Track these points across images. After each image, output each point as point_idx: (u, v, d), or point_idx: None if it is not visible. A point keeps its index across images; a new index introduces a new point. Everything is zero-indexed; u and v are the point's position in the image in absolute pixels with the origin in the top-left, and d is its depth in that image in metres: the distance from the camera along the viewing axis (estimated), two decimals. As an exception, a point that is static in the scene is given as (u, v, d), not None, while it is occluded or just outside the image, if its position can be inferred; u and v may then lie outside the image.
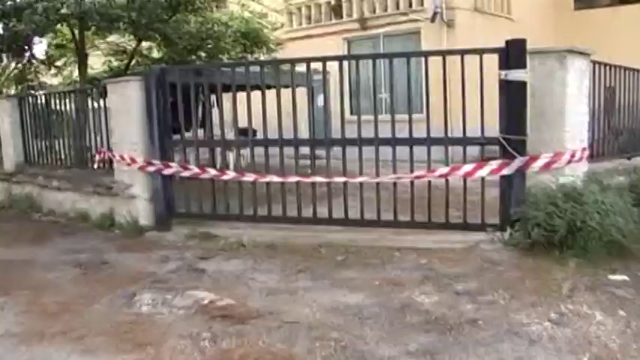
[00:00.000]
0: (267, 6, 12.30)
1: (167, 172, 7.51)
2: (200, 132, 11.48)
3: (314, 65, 7.17)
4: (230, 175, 7.21)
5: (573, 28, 19.49)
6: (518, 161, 5.98)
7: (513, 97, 5.97)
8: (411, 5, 18.01)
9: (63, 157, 9.81)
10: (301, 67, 7.19)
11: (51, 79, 14.92)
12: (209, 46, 10.55)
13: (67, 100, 9.58)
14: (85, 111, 9.13)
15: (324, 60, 7.02)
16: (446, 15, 16.94)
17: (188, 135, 7.85)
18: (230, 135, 7.97)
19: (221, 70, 7.94)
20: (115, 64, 12.93)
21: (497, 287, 4.93)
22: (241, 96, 7.28)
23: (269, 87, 7.27)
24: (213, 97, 14.93)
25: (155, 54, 13.15)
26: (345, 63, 7.17)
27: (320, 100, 18.96)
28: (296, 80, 7.03)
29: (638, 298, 4.68)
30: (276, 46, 12.77)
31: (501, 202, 6.24)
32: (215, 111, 15.11)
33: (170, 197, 7.70)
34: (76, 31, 11.10)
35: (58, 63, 13.64)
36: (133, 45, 12.50)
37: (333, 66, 6.95)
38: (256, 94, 7.13)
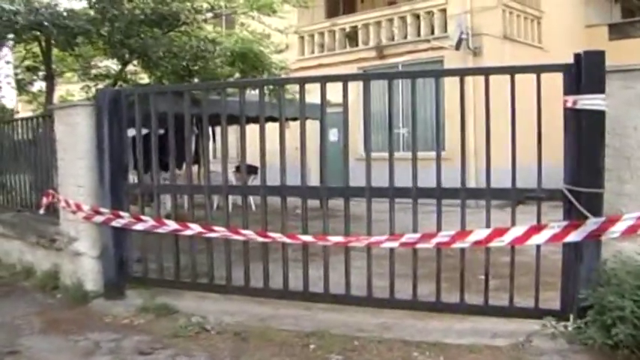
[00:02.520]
0: (268, 25, 10.64)
1: (118, 223, 5.78)
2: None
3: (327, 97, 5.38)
4: (193, 229, 5.43)
5: (608, 59, 17.94)
6: (592, 223, 4.19)
7: (585, 133, 4.21)
8: (433, 32, 16.43)
9: (11, 197, 8.15)
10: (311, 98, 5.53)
11: (25, 106, 13.32)
12: (195, 67, 8.91)
13: (21, 131, 7.94)
14: (37, 143, 7.46)
15: (323, 81, 5.27)
16: (472, 42, 15.31)
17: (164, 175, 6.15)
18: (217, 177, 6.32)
19: (210, 97, 6.11)
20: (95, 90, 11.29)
21: None
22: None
23: (272, 119, 5.62)
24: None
25: (146, 79, 11.52)
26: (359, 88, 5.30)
27: (333, 135, 17.62)
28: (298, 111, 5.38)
29: None
30: (281, 71, 11.02)
31: (564, 279, 4.44)
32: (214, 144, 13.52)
33: (124, 256, 5.96)
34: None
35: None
36: (118, 68, 10.91)
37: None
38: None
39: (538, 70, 4.42)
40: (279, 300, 5.33)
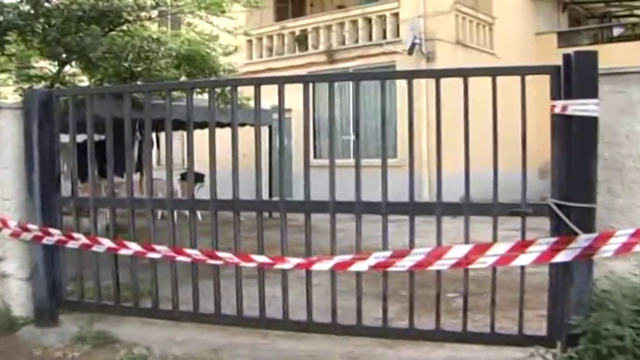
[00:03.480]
0: (216, 26, 10.01)
1: (49, 241, 5.12)
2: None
3: (275, 102, 4.84)
4: (131, 249, 4.80)
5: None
6: (583, 241, 3.77)
7: (576, 141, 3.80)
8: (385, 36, 16.14)
9: None
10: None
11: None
12: (138, 69, 8.23)
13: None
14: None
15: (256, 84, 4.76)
16: (425, 47, 15.06)
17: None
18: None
19: (154, 101, 5.46)
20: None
21: None
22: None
23: (219, 125, 5.08)
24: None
25: (86, 81, 10.73)
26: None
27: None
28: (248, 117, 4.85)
29: None
30: (229, 74, 10.41)
31: (552, 302, 4.02)
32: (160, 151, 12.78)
33: (56, 278, 5.29)
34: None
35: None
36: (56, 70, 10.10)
37: (295, 101, 4.68)
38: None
39: (522, 71, 4.00)
40: (233, 326, 4.76)
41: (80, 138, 5.37)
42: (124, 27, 8.66)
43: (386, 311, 4.31)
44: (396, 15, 16.00)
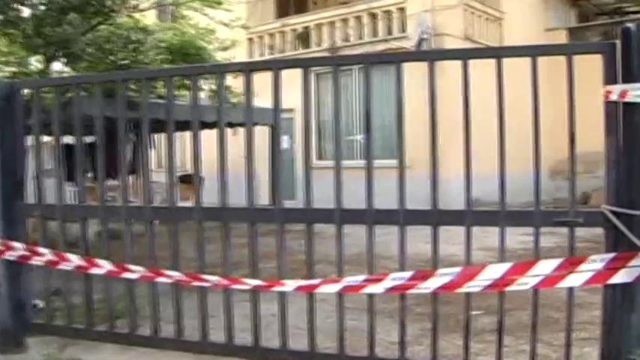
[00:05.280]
0: (212, 18, 9.33)
1: (10, 256, 4.42)
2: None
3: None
4: (103, 268, 4.07)
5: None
6: (647, 258, 3.07)
7: (639, 135, 3.10)
8: (390, 32, 15.41)
9: None
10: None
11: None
12: (125, 61, 7.54)
13: None
14: None
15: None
16: (433, 43, 14.34)
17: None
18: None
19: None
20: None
21: None
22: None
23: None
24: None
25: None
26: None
27: (284, 142, 16.38)
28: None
29: None
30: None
31: (606, 332, 3.30)
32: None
33: (22, 297, 4.60)
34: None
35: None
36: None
37: (298, 100, 3.97)
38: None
39: (570, 50, 3.29)
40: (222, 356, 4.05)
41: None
42: (110, 21, 7.96)
43: (404, 341, 3.59)
44: (403, 10, 15.28)
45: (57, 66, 9.30)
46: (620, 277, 3.12)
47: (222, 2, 9.31)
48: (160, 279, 3.87)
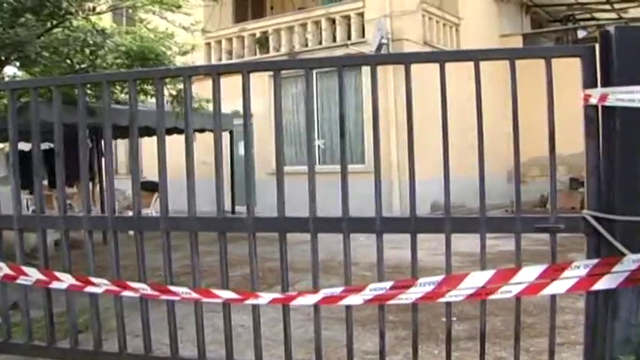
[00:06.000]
0: (172, 21, 9.09)
1: (-37, 271, 4.15)
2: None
3: (236, 107, 4.00)
4: (64, 282, 3.82)
5: (521, 70, 17.61)
6: (630, 262, 3.02)
7: (619, 140, 3.05)
8: (349, 37, 15.39)
9: None
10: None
11: None
12: (83, 66, 7.27)
13: None
14: None
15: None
16: (392, 47, 14.36)
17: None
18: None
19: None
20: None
21: None
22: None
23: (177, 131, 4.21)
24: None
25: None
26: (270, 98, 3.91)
27: (243, 148, 16.15)
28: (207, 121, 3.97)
29: None
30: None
31: (590, 338, 3.25)
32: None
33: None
34: None
35: None
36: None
37: (257, 106, 3.82)
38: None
39: (547, 53, 3.22)
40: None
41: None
42: (66, 21, 7.67)
43: (383, 352, 3.48)
44: (361, 15, 15.27)
45: (9, 70, 8.98)
46: (603, 284, 3.07)
47: (181, 6, 9.08)
48: (126, 293, 3.67)
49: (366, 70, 14.00)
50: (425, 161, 3.63)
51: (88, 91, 5.34)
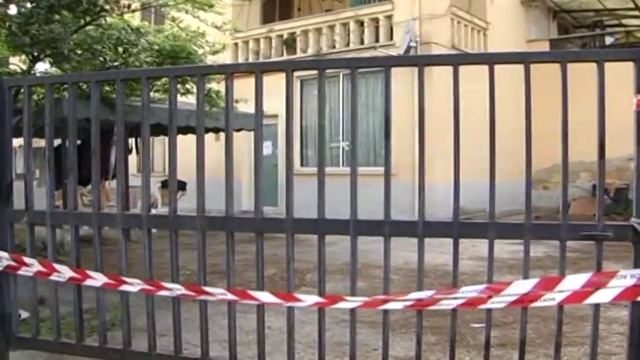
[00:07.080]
0: (203, 21, 9.11)
1: (-3, 266, 4.16)
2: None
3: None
4: (97, 280, 3.80)
5: (551, 74, 17.37)
6: (681, 274, 2.94)
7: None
8: (378, 39, 15.34)
9: None
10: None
11: None
12: (115, 64, 7.31)
13: None
14: None
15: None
16: (420, 51, 14.28)
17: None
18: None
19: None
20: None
21: None
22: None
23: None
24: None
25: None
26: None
27: (266, 148, 16.15)
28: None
29: None
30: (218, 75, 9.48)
31: (634, 352, 3.17)
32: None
33: (6, 309, 4.32)
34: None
35: None
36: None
37: (282, 106, 3.75)
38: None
39: (600, 56, 3.14)
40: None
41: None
42: (101, 18, 7.71)
43: (420, 358, 3.41)
44: (390, 18, 15.23)
45: (41, 66, 9.04)
46: (652, 294, 2.99)
47: (213, 5, 9.09)
48: (161, 292, 3.64)
49: (394, 73, 14.02)
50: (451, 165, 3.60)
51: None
